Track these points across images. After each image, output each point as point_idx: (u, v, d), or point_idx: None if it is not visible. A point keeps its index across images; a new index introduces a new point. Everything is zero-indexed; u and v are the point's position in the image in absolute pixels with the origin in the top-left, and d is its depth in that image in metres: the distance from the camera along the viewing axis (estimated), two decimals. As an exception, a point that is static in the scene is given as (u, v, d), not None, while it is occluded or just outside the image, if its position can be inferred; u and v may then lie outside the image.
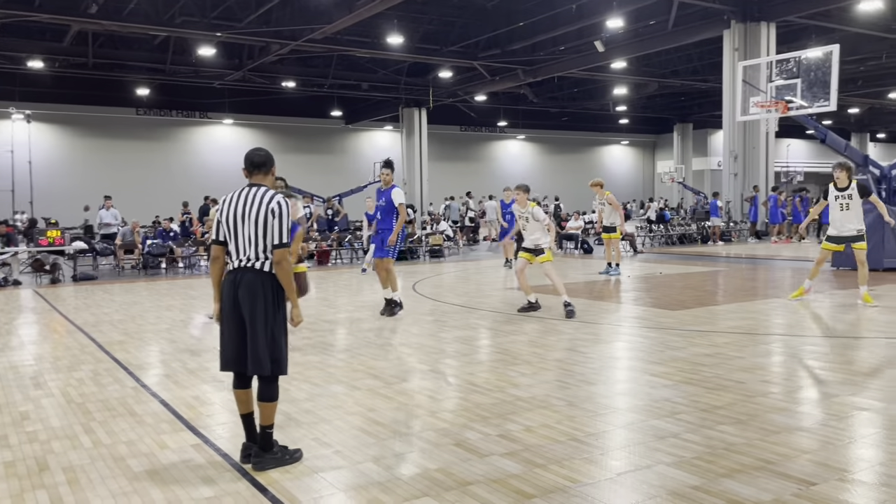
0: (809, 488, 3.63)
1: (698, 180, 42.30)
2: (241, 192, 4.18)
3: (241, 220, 4.09)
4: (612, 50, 24.83)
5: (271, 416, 4.15)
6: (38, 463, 4.25)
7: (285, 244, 4.07)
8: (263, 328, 4.03)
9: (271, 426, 4.14)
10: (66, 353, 7.57)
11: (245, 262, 4.09)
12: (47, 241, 15.15)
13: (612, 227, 14.25)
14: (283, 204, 4.10)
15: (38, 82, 29.01)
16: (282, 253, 4.06)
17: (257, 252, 4.08)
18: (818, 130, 13.88)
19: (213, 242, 4.28)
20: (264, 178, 4.25)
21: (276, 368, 4.11)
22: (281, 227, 4.07)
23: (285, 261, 4.07)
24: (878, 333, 7.69)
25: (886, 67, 29.24)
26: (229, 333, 4.13)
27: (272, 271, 4.08)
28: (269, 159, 4.27)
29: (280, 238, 4.06)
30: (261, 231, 4.07)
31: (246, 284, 4.05)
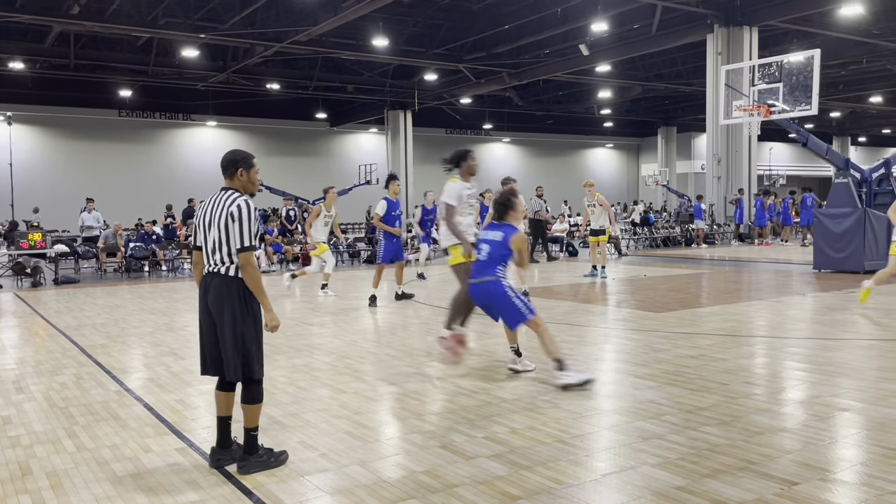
0: (791, 488, 3.67)
1: (682, 183, 42.59)
2: (213, 197, 4.17)
3: (209, 224, 4.08)
4: (597, 53, 24.97)
5: (255, 419, 4.12)
6: (20, 468, 4.21)
7: (247, 247, 3.99)
8: (232, 333, 3.99)
9: (255, 429, 4.11)
10: (49, 356, 7.50)
11: (213, 266, 4.07)
12: (28, 244, 15.00)
13: (600, 229, 14.05)
14: (242, 207, 4.00)
15: (19, 84, 28.74)
16: (245, 257, 3.98)
17: (223, 256, 4.02)
18: (800, 134, 14.02)
19: (192, 248, 4.30)
20: (231, 181, 4.14)
21: (247, 373, 4.06)
22: (241, 230, 3.99)
23: (249, 265, 3.98)
24: (859, 335, 7.78)
25: (867, 72, 29.60)
26: (206, 338, 4.15)
27: (238, 275, 4.02)
28: (234, 162, 4.14)
29: (241, 241, 3.99)
30: (223, 235, 4.00)
31: (214, 290, 4.03)
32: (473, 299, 6.18)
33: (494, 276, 5.96)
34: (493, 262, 6.00)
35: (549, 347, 5.80)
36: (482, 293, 6.04)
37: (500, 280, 5.96)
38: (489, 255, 6.04)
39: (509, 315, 5.95)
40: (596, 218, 14.12)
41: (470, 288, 6.18)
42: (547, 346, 5.80)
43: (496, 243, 6.03)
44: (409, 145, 35.60)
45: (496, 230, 6.10)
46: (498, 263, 6.01)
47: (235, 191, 4.11)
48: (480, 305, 6.16)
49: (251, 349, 4.04)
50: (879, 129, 47.64)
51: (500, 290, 5.93)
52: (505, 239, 6.00)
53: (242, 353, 4.02)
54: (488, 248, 6.05)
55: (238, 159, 4.16)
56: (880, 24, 22.97)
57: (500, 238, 6.03)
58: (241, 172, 4.14)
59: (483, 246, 6.10)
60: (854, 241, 13.71)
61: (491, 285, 5.96)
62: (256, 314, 4.08)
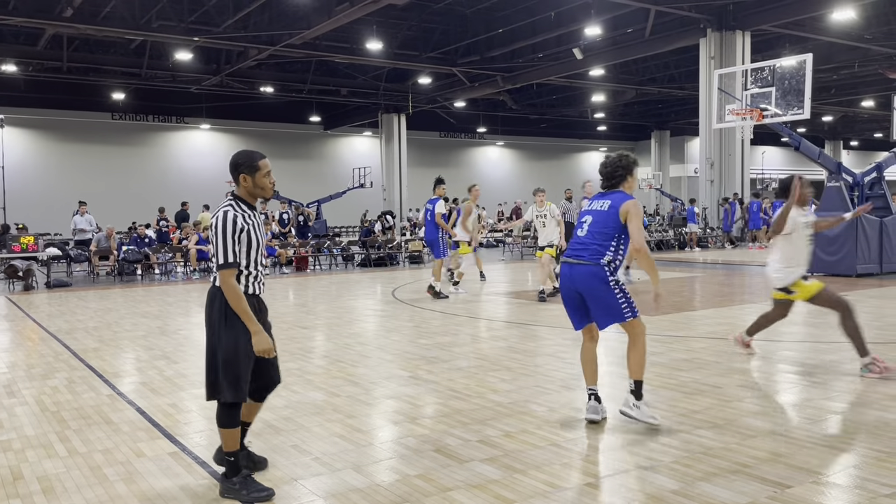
0: (784, 491, 3.68)
1: (675, 187, 42.74)
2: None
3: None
4: (591, 57, 25.05)
5: (227, 443, 3.78)
6: (11, 472, 4.19)
7: (223, 265, 3.62)
8: (208, 346, 3.74)
9: (229, 453, 3.78)
10: (40, 360, 7.46)
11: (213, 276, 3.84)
12: (20, 248, 14.93)
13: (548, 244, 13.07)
14: (219, 218, 3.65)
15: (11, 86, 28.64)
16: (222, 274, 3.63)
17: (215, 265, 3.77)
18: (792, 138, 14.08)
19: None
20: (237, 188, 3.81)
21: (211, 392, 3.73)
22: (218, 243, 3.63)
23: (225, 284, 3.63)
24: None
25: (859, 76, 29.78)
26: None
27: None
28: (235, 166, 3.78)
29: (218, 256, 3.63)
30: (211, 246, 3.72)
31: (207, 299, 3.80)
32: (563, 282, 4.89)
33: (595, 261, 4.69)
34: (595, 241, 4.72)
35: (638, 362, 4.77)
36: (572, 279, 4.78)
37: (601, 265, 4.68)
38: (590, 230, 4.78)
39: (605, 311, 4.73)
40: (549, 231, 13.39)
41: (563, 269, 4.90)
42: (636, 359, 4.78)
43: (601, 214, 4.78)
44: (403, 149, 35.62)
45: (603, 198, 4.86)
46: (602, 242, 4.70)
47: (234, 199, 3.77)
48: (571, 293, 4.85)
49: (225, 368, 3.67)
50: (871, 133, 47.90)
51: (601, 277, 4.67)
52: (614, 208, 4.72)
53: (213, 370, 3.71)
54: (590, 219, 4.83)
55: (239, 163, 3.78)
56: (872, 28, 23.12)
57: (606, 208, 4.77)
58: (244, 178, 3.77)
59: (585, 218, 4.88)
60: (846, 245, 13.76)
61: (587, 269, 4.70)
62: (239, 332, 3.70)
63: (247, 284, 3.77)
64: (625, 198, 4.73)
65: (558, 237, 11.76)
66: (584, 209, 4.94)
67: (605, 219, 4.72)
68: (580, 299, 4.80)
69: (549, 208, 11.69)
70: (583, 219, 4.87)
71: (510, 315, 10.15)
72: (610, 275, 4.69)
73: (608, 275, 4.68)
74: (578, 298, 4.80)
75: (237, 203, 3.75)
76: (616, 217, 4.67)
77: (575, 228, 4.92)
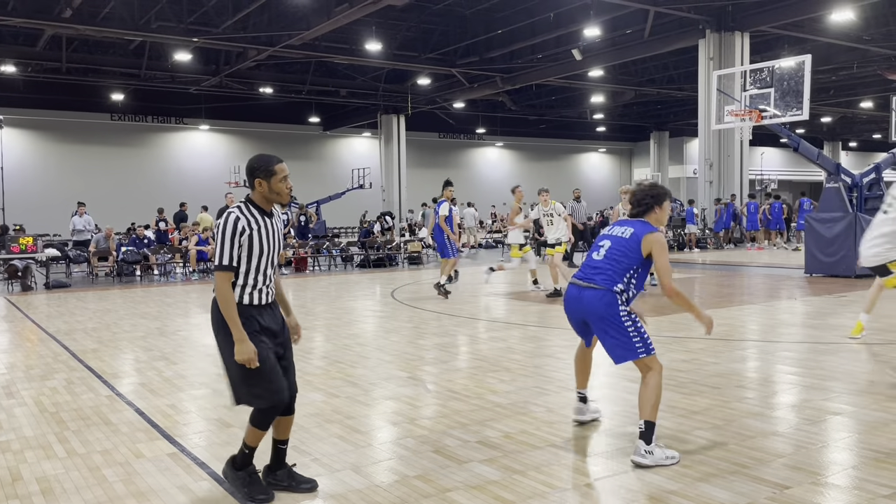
0: (783, 492, 3.68)
1: (674, 188, 42.73)
2: None
3: None
4: (590, 58, 25.06)
5: (250, 437, 3.77)
6: (10, 473, 4.18)
7: (219, 266, 3.57)
8: (220, 356, 3.68)
9: (248, 447, 3.77)
10: (39, 361, 7.46)
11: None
12: (19, 249, 14.93)
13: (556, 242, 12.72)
14: (222, 220, 3.60)
15: (10, 87, 28.62)
16: (216, 277, 3.58)
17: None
18: (791, 139, 14.10)
19: None
20: (252, 192, 3.73)
21: (239, 399, 3.67)
22: (216, 245, 3.61)
23: (217, 286, 3.57)
24: (850, 339, 7.81)
25: (857, 77, 29.80)
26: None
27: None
28: (251, 171, 3.69)
29: (215, 259, 3.61)
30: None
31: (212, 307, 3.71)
32: (567, 304, 4.59)
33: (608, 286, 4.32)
34: (611, 266, 4.38)
35: (651, 402, 4.26)
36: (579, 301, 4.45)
37: (613, 293, 4.31)
38: (607, 254, 4.44)
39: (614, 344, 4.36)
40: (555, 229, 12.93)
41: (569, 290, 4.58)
42: (647, 399, 4.27)
43: (621, 241, 4.43)
44: (403, 149, 35.62)
45: (626, 225, 4.51)
46: (618, 270, 4.36)
47: (245, 202, 3.70)
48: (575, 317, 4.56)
49: (238, 374, 3.59)
50: (870, 134, 47.92)
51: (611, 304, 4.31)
52: (636, 237, 4.38)
53: (230, 378, 3.66)
54: (609, 244, 4.49)
55: (255, 167, 3.68)
56: (871, 30, 23.14)
57: (628, 235, 4.43)
58: (260, 182, 3.67)
59: (603, 242, 4.53)
60: (845, 246, 13.76)
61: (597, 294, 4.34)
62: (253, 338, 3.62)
63: (251, 294, 3.65)
64: (648, 228, 4.40)
65: (566, 234, 12.29)
66: (604, 233, 4.62)
67: (626, 247, 4.37)
68: (585, 325, 4.53)
69: (554, 207, 12.09)
70: (601, 242, 4.54)
71: (509, 316, 10.15)
72: (621, 305, 4.31)
73: (619, 304, 4.30)
74: (583, 324, 4.53)
75: (247, 206, 3.67)
76: (637, 247, 4.34)
77: (590, 251, 4.58)
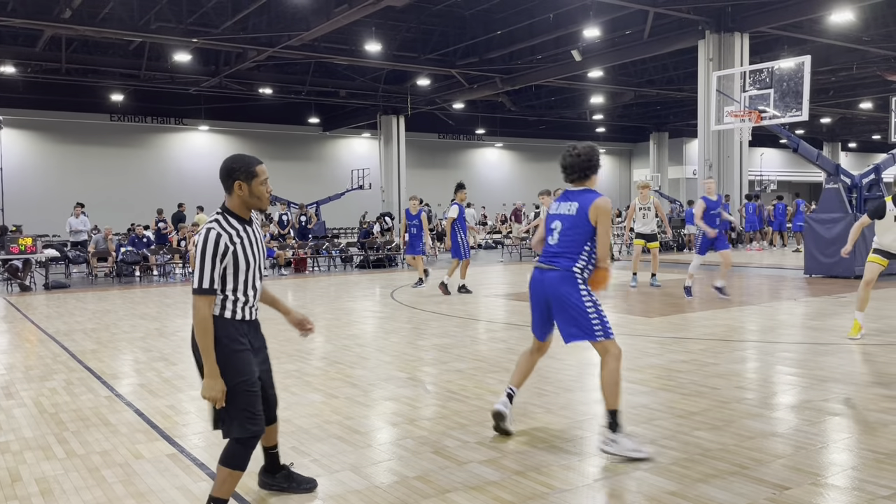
0: (783, 492, 3.68)
1: (674, 188, 42.75)
2: None
3: None
4: (589, 59, 25.05)
5: (222, 487, 3.33)
6: (10, 474, 4.18)
7: (198, 289, 3.18)
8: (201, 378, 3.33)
9: (220, 500, 3.34)
10: (38, 362, 7.46)
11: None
12: (19, 249, 14.93)
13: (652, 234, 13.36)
14: (201, 237, 3.21)
15: (10, 87, 28.60)
16: (194, 300, 3.19)
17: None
18: (791, 140, 14.10)
19: None
20: (228, 198, 3.34)
21: (220, 427, 3.29)
22: (195, 266, 3.22)
23: (195, 310, 3.18)
24: (850, 340, 7.81)
25: (857, 78, 29.78)
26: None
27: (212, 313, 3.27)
28: (230, 172, 3.31)
29: (194, 281, 3.20)
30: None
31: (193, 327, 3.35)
32: (532, 288, 4.56)
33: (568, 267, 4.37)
34: (566, 249, 4.38)
35: (612, 390, 4.27)
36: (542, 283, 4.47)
37: (573, 273, 4.35)
38: (560, 237, 4.43)
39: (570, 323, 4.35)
40: (648, 223, 13.38)
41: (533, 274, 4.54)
42: (609, 386, 4.28)
43: (569, 219, 4.41)
44: (402, 150, 35.61)
45: (570, 200, 4.46)
46: (574, 249, 4.36)
47: (222, 213, 3.33)
48: (538, 300, 4.54)
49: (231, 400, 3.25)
50: (869, 135, 47.93)
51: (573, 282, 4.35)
52: (582, 211, 4.35)
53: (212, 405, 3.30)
54: (560, 225, 4.45)
55: (235, 168, 3.30)
56: (870, 30, 23.13)
57: (574, 211, 4.39)
58: (240, 185, 3.30)
59: (554, 224, 4.48)
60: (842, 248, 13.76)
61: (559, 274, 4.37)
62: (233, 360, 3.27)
63: (234, 310, 3.32)
64: (593, 196, 4.36)
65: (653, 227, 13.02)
66: (551, 213, 4.57)
67: (574, 223, 4.37)
68: (548, 308, 4.48)
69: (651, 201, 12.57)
70: (552, 224, 4.49)
71: (509, 317, 10.15)
72: (583, 283, 4.33)
73: (580, 284, 4.34)
74: (546, 307, 4.48)
75: (225, 218, 3.31)
76: (586, 220, 4.33)
77: (548, 232, 4.53)
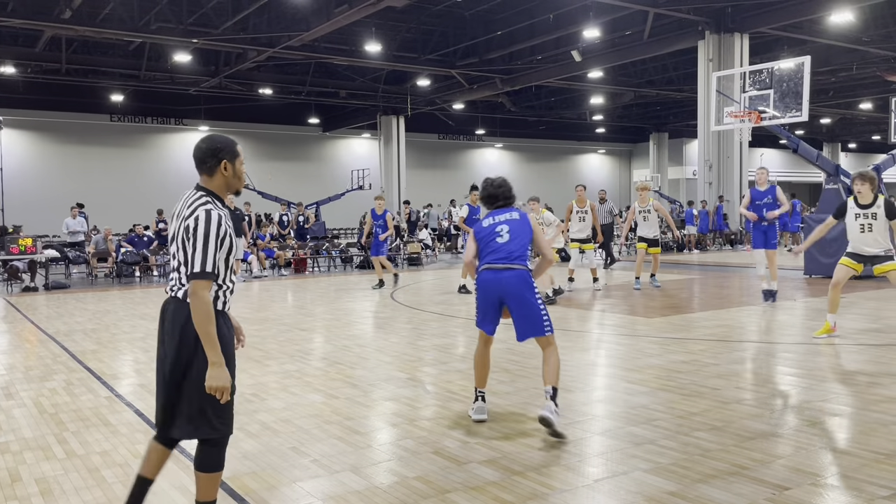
0: (783, 493, 3.68)
1: (674, 189, 42.75)
2: (183, 196, 3.25)
3: (173, 234, 3.18)
4: (589, 59, 25.06)
5: (211, 492, 3.21)
6: (10, 474, 4.18)
7: (201, 273, 2.97)
8: (187, 377, 3.05)
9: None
10: (38, 362, 7.46)
11: (171, 285, 3.17)
12: (19, 250, 14.92)
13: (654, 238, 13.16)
14: (201, 218, 3.02)
15: (10, 88, 28.60)
16: (195, 285, 2.97)
17: (181, 276, 3.11)
18: (791, 140, 14.10)
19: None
20: (209, 180, 3.17)
21: (203, 430, 3.11)
22: (195, 248, 2.99)
23: (197, 297, 2.96)
24: (850, 340, 7.82)
25: (857, 78, 29.79)
26: (158, 377, 3.20)
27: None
28: (215, 152, 3.17)
29: (194, 265, 2.98)
30: (179, 250, 3.09)
31: (169, 317, 3.12)
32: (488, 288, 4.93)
33: (524, 265, 4.89)
34: (518, 248, 4.90)
35: (556, 372, 4.80)
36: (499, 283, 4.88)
37: (529, 271, 4.91)
38: (511, 237, 4.93)
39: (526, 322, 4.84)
40: (650, 225, 13.20)
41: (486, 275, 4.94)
42: (555, 370, 4.79)
43: (517, 223, 5.00)
44: (402, 150, 35.62)
45: (509, 211, 5.10)
46: (524, 249, 4.94)
47: (206, 193, 3.16)
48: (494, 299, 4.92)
49: (211, 398, 3.04)
50: (869, 136, 47.95)
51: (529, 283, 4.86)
52: (524, 218, 5.04)
53: (199, 403, 3.07)
54: (508, 227, 4.96)
55: (220, 148, 3.17)
56: (870, 31, 23.15)
57: (518, 217, 5.04)
58: (226, 165, 3.18)
59: (501, 227, 4.97)
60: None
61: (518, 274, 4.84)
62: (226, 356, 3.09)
63: (224, 300, 3.18)
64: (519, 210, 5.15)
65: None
66: (497, 221, 5.02)
67: (521, 228, 4.96)
68: (500, 305, 4.92)
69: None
70: (498, 228, 4.97)
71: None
72: (533, 283, 4.88)
73: (533, 283, 4.88)
74: (500, 304, 4.92)
75: (213, 201, 3.14)
76: (529, 227, 4.98)
77: (492, 237, 4.96)
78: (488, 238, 4.98)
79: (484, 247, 4.97)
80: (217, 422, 3.12)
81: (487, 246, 4.96)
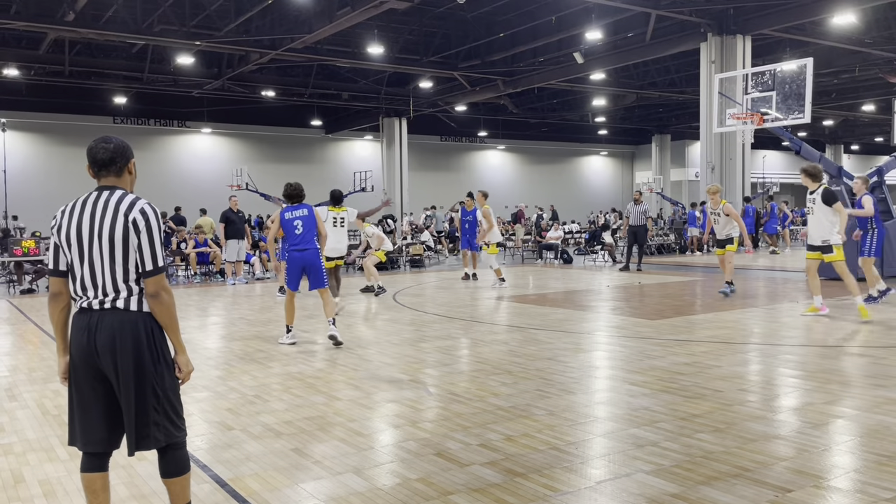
0: (786, 495, 3.68)
1: (676, 191, 42.75)
2: (87, 200, 3.07)
3: (90, 238, 3.01)
4: (591, 61, 25.07)
5: (188, 493, 3.31)
6: (13, 475, 4.19)
7: (162, 268, 3.04)
8: (152, 388, 3.05)
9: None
10: (42, 364, 7.47)
11: (102, 298, 3.03)
12: (22, 251, 14.95)
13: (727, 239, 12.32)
14: (150, 214, 3.04)
15: (13, 90, 28.70)
16: (156, 281, 3.02)
17: (117, 283, 3.01)
18: (793, 142, 14.09)
19: (50, 273, 3.14)
20: (118, 180, 3.11)
21: (183, 427, 3.21)
22: (152, 246, 3.02)
23: (165, 291, 3.04)
24: (852, 342, 7.81)
25: (859, 80, 29.77)
26: (89, 402, 3.10)
27: (143, 308, 3.06)
28: (124, 151, 3.13)
29: (153, 261, 3.02)
30: (119, 253, 3.00)
31: (107, 331, 3.00)
32: (296, 264, 8.07)
33: (315, 246, 8.07)
34: (310, 236, 8.02)
35: (333, 308, 8.15)
36: (304, 258, 8.04)
37: (318, 249, 8.13)
38: (304, 229, 8.01)
39: (318, 282, 8.07)
40: (722, 227, 12.36)
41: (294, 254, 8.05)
42: (331, 307, 8.15)
43: (308, 219, 8.07)
44: (404, 152, 35.64)
45: (300, 208, 8.12)
46: (313, 237, 8.08)
47: (126, 192, 3.12)
48: (299, 269, 8.09)
49: (175, 404, 3.15)
50: (872, 138, 47.91)
51: (319, 258, 8.11)
52: (311, 213, 8.13)
53: (168, 410, 3.11)
54: (302, 223, 7.99)
55: (126, 147, 3.17)
56: (872, 33, 23.13)
57: (307, 213, 8.11)
58: (133, 165, 3.21)
59: (297, 222, 7.98)
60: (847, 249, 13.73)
61: (316, 250, 8.09)
62: (168, 358, 3.17)
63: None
64: (309, 206, 8.16)
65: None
66: (294, 216, 8.05)
67: (311, 222, 8.07)
68: (303, 272, 8.08)
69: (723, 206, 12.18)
70: (295, 223, 8.01)
71: (511, 318, 10.15)
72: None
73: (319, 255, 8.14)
74: (303, 272, 8.08)
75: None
76: (314, 220, 8.11)
77: (290, 229, 8.02)
78: (291, 227, 8.04)
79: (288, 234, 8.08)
80: (180, 422, 3.20)
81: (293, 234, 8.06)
